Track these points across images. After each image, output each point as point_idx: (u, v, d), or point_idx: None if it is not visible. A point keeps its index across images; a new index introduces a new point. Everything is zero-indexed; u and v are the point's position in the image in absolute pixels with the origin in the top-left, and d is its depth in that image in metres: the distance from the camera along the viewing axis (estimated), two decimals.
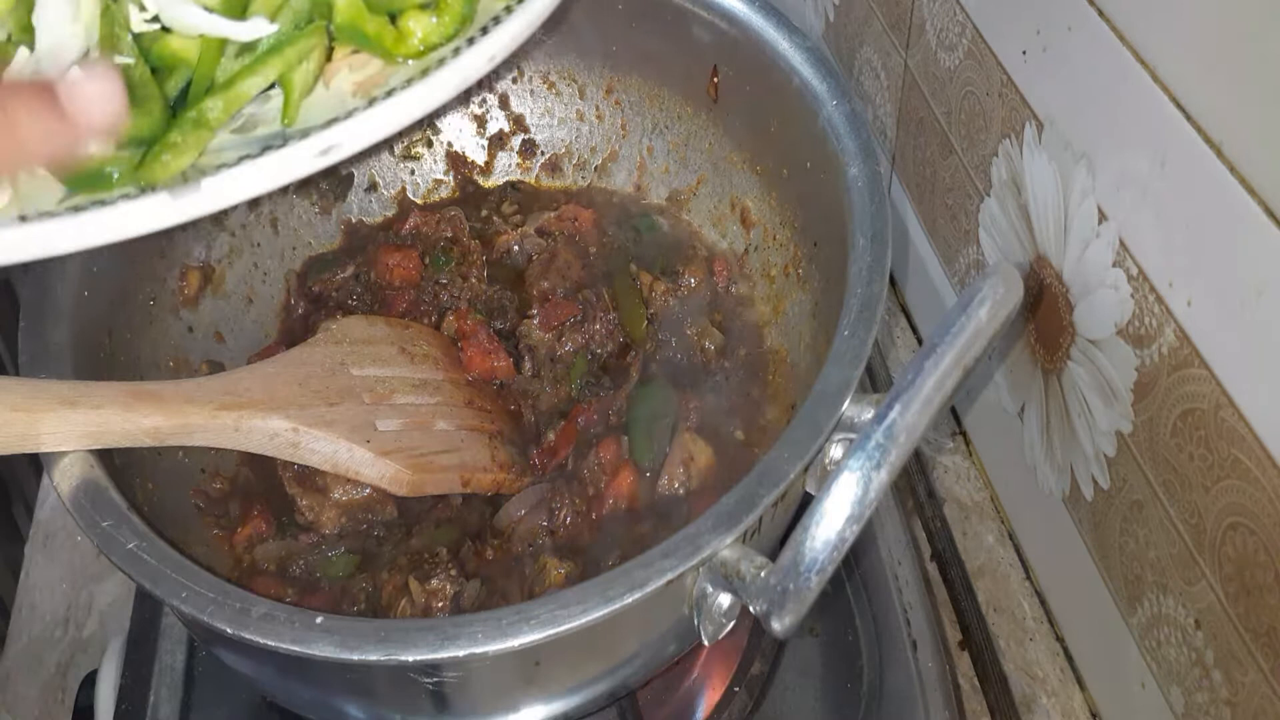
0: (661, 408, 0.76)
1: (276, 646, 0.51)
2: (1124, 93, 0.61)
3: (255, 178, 0.46)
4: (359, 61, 0.54)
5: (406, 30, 0.53)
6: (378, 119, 0.49)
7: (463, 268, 0.86)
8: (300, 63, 0.51)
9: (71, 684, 0.87)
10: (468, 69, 0.51)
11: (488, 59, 0.52)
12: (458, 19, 0.53)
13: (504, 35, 0.52)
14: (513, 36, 0.53)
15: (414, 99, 0.49)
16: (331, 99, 0.52)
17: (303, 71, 0.51)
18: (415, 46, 0.53)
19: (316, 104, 0.52)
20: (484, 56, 0.52)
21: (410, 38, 0.53)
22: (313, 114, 0.51)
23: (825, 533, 0.48)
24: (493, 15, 0.53)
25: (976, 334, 0.51)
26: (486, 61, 0.52)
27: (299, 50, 0.51)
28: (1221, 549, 0.60)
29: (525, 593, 0.69)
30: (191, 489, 0.74)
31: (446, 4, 0.53)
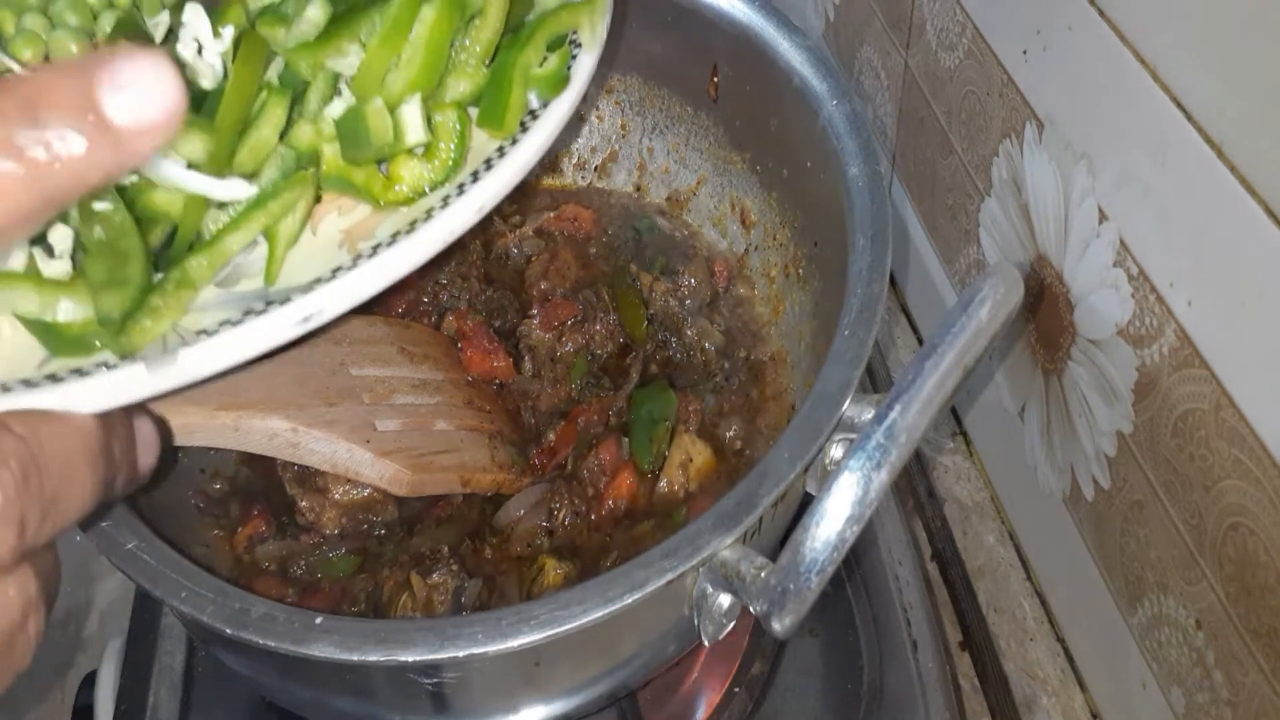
0: (661, 409, 0.76)
1: (276, 647, 0.51)
2: (1124, 93, 0.61)
3: (233, 348, 0.45)
4: (348, 205, 0.53)
5: (396, 177, 0.52)
6: (361, 282, 0.47)
7: (463, 268, 0.86)
8: (286, 215, 0.50)
9: (71, 684, 0.87)
10: (455, 221, 0.49)
11: (476, 210, 0.50)
12: (448, 165, 0.52)
13: (494, 182, 0.51)
14: (503, 183, 0.51)
15: (399, 257, 0.48)
16: (318, 249, 0.50)
17: (289, 223, 0.50)
18: (404, 194, 0.52)
19: (302, 255, 0.50)
20: (472, 208, 0.50)
21: (399, 184, 0.52)
22: (297, 268, 0.49)
23: (825, 533, 0.48)
24: (484, 159, 0.52)
25: (977, 334, 0.51)
26: (475, 213, 0.50)
27: (284, 203, 0.50)
28: (1222, 549, 0.60)
29: (524, 593, 0.69)
30: (192, 489, 0.74)
31: (436, 149, 0.52)
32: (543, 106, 0.54)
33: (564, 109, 0.55)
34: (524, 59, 0.54)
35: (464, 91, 0.54)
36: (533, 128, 0.53)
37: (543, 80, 0.55)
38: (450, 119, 0.53)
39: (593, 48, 0.57)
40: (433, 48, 0.52)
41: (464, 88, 0.54)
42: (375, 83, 0.52)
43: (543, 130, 0.53)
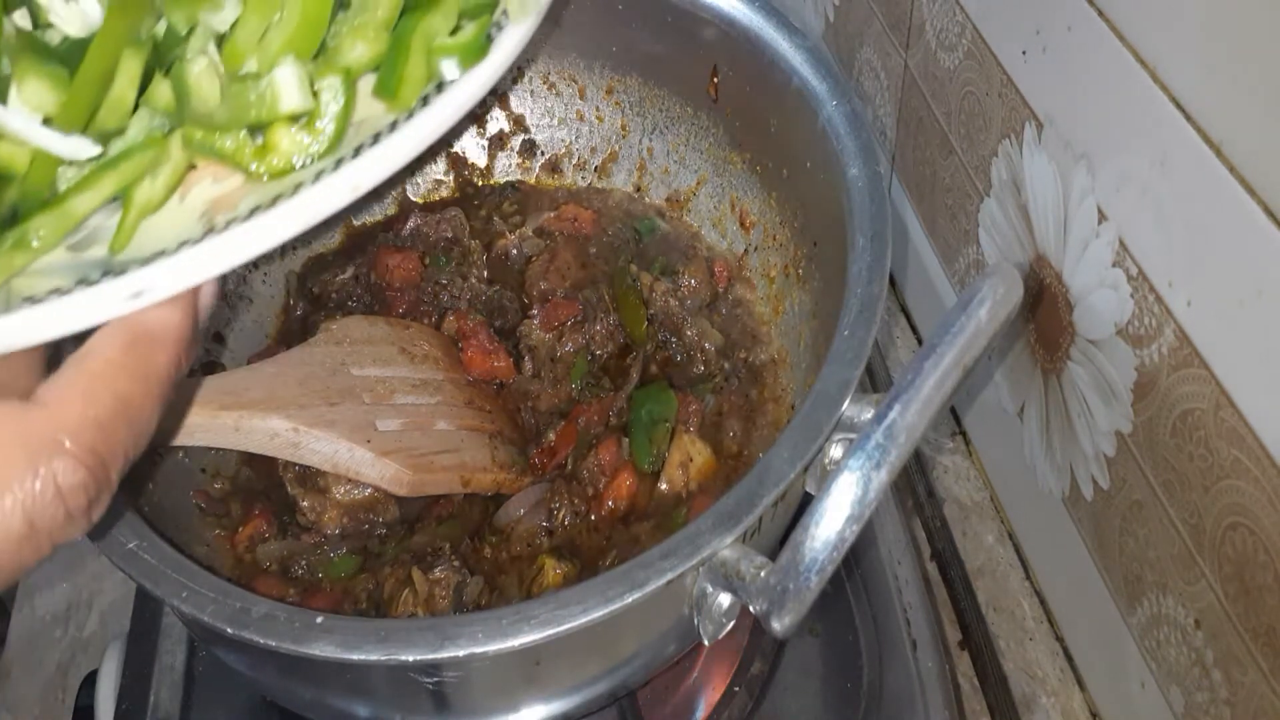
0: (661, 409, 0.76)
1: (277, 646, 0.51)
2: (1124, 93, 0.61)
3: (55, 320, 0.42)
4: (223, 173, 0.49)
5: (270, 146, 0.48)
6: (203, 259, 0.44)
7: (463, 268, 0.86)
8: (143, 177, 0.47)
9: (71, 684, 0.87)
10: (323, 199, 0.45)
11: (350, 189, 0.45)
12: (327, 136, 0.48)
13: (377, 160, 0.46)
14: (389, 161, 0.46)
15: (253, 234, 0.44)
16: (179, 219, 0.47)
17: (146, 188, 0.47)
18: (276, 165, 0.47)
19: (160, 225, 0.47)
20: (345, 186, 0.45)
21: (273, 154, 0.48)
22: (149, 238, 0.46)
23: (825, 533, 0.48)
24: (373, 133, 0.48)
25: (976, 334, 0.51)
26: (349, 192, 0.46)
27: (136, 166, 0.46)
28: (1221, 549, 0.60)
29: (524, 592, 0.69)
30: (193, 489, 0.74)
31: (316, 119, 0.48)
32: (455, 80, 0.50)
33: (473, 85, 0.50)
34: (427, 24, 0.50)
35: (361, 56, 0.50)
36: (434, 102, 0.49)
37: (456, 49, 0.50)
38: (334, 86, 0.49)
39: (522, 20, 0.51)
40: (310, 6, 0.48)
41: (361, 52, 0.50)
42: (250, 41, 0.48)
43: (444, 106, 0.49)
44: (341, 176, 0.46)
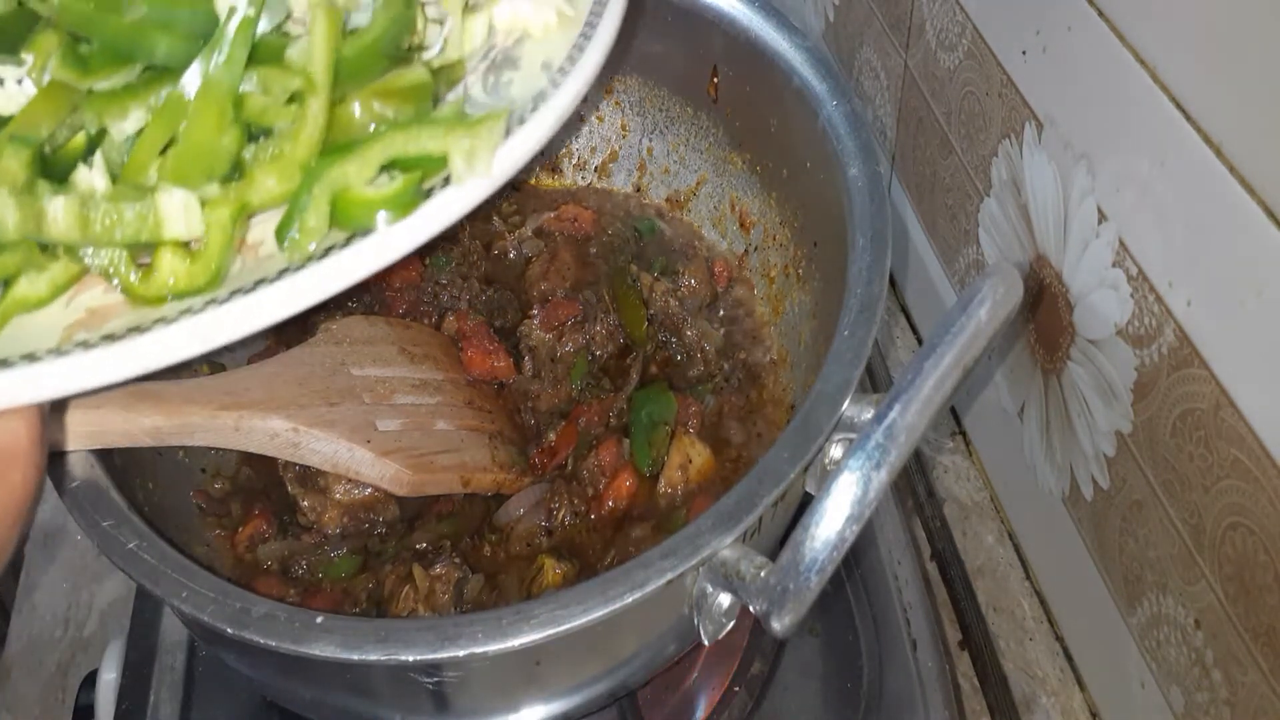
0: (661, 411, 0.76)
1: (276, 646, 0.51)
2: (1124, 93, 0.61)
3: None
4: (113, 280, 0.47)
5: (153, 268, 0.46)
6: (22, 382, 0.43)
7: (463, 268, 0.86)
8: (21, 273, 0.46)
9: (71, 684, 0.87)
10: (177, 343, 0.43)
11: (200, 342, 0.43)
12: (206, 272, 0.46)
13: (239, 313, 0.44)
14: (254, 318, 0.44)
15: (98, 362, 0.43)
16: (51, 323, 0.46)
17: (28, 285, 0.46)
18: (147, 291, 0.46)
19: (33, 324, 0.46)
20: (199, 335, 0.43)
21: (151, 277, 0.46)
22: (16, 336, 0.45)
23: (825, 533, 0.48)
24: (259, 278, 0.46)
25: (976, 334, 0.51)
26: (199, 344, 0.44)
27: (10, 262, 0.45)
28: (1221, 549, 0.60)
29: (524, 592, 0.69)
30: (193, 489, 0.74)
31: (203, 252, 0.47)
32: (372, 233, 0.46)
33: (380, 245, 0.46)
34: (338, 172, 0.47)
35: (270, 191, 0.48)
36: (329, 258, 0.46)
37: (380, 202, 0.47)
38: (221, 218, 0.47)
39: (467, 180, 0.48)
40: (195, 136, 0.47)
41: (271, 187, 0.48)
42: (150, 154, 0.47)
43: (337, 266, 0.45)
44: (202, 320, 0.44)
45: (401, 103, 0.51)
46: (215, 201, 0.47)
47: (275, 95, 0.49)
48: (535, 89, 0.53)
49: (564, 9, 0.58)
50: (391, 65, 0.52)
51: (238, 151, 0.49)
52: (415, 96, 0.52)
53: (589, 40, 0.56)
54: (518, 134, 0.50)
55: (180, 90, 0.47)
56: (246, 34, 0.48)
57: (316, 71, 0.48)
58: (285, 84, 0.49)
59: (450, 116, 0.51)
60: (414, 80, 0.52)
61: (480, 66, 0.57)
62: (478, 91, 0.55)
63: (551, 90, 0.52)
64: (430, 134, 0.48)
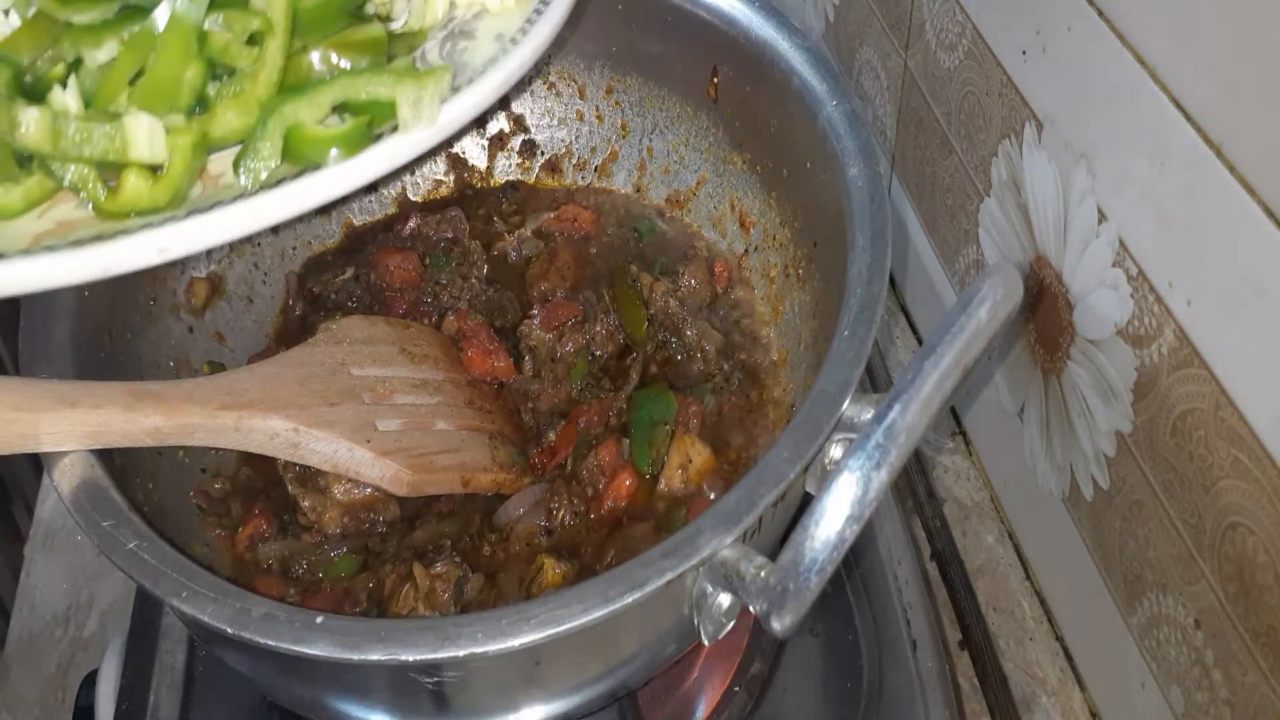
0: (661, 411, 0.76)
1: (276, 646, 0.51)
2: (1124, 93, 0.61)
3: None
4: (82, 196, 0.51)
5: (119, 186, 0.50)
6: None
7: (463, 268, 0.86)
8: None
9: (71, 684, 0.87)
10: (131, 252, 0.47)
11: (158, 249, 0.47)
12: (166, 192, 0.50)
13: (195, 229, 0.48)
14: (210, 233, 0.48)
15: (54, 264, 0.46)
16: (23, 231, 0.50)
17: (5, 195, 0.50)
18: (111, 206, 0.50)
19: (4, 232, 0.50)
20: (155, 245, 0.47)
21: (117, 194, 0.50)
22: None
23: (825, 532, 0.48)
24: (214, 200, 0.49)
25: (976, 334, 0.51)
26: (156, 252, 0.47)
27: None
28: (1221, 549, 0.60)
29: (523, 592, 0.69)
30: (193, 489, 0.74)
31: (164, 174, 0.50)
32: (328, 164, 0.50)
33: (327, 179, 0.50)
34: (290, 109, 0.51)
35: (231, 124, 0.52)
36: (280, 188, 0.50)
37: (331, 139, 0.51)
38: (183, 145, 0.51)
39: (413, 127, 0.52)
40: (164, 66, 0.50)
41: (231, 120, 0.52)
42: (121, 81, 0.51)
43: (284, 194, 0.50)
44: (161, 233, 0.48)
45: (357, 54, 0.55)
46: (179, 130, 0.51)
47: (237, 33, 0.53)
48: (486, 56, 0.56)
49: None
50: (351, 23, 0.56)
51: (201, 86, 0.53)
52: (370, 49, 0.56)
53: (540, 16, 0.59)
54: (465, 91, 0.53)
55: (151, 25, 0.51)
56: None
57: (275, 15, 0.52)
58: (246, 24, 0.53)
59: (401, 69, 0.54)
60: (370, 35, 0.56)
61: (439, 35, 0.60)
62: (434, 57, 0.59)
63: (501, 56, 0.56)
64: (380, 81, 0.52)
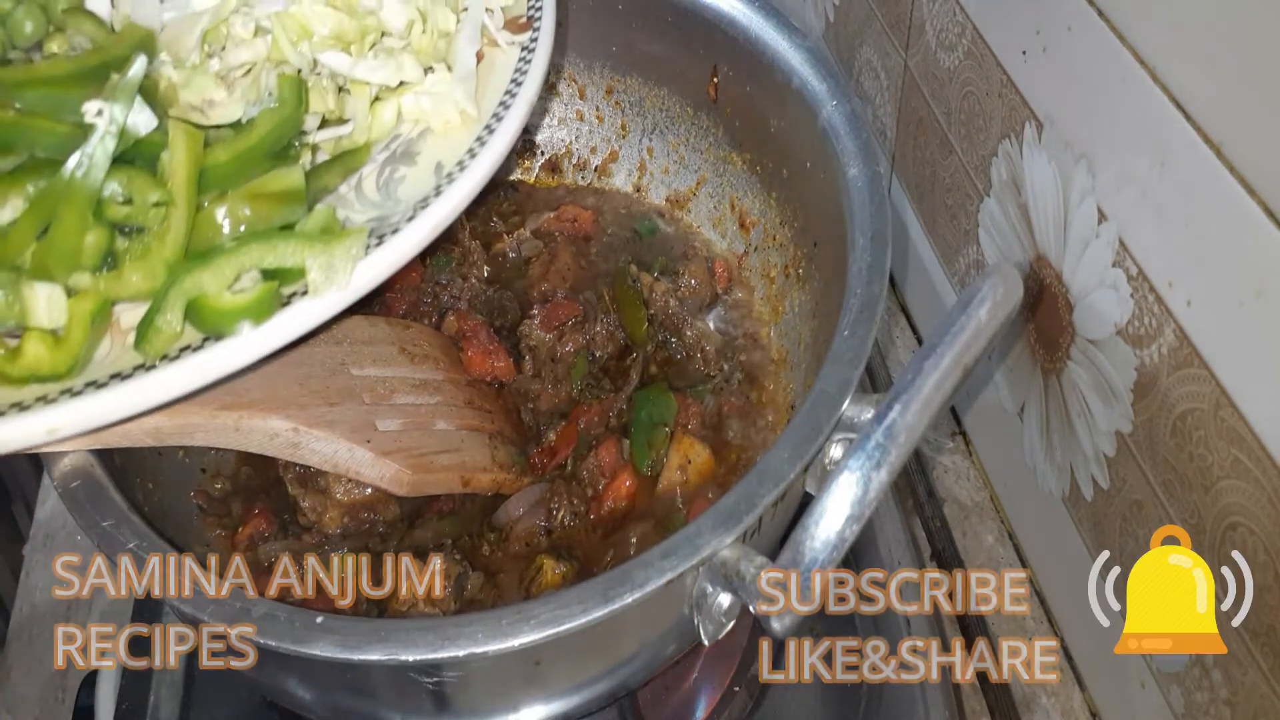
0: (661, 412, 0.76)
1: (276, 646, 0.51)
2: (1124, 93, 0.61)
3: None
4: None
5: (20, 351, 0.49)
6: None
7: (463, 268, 0.86)
8: None
9: (71, 684, 0.87)
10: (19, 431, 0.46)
11: (46, 430, 0.46)
12: (65, 360, 0.49)
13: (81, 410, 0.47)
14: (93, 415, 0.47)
15: None
16: None
17: None
18: (11, 373, 0.49)
19: None
20: (43, 426, 0.46)
21: (18, 359, 0.49)
22: None
23: (825, 532, 0.48)
24: (116, 371, 0.49)
25: (976, 334, 0.51)
26: (44, 433, 0.47)
27: None
28: (1221, 549, 0.60)
29: (523, 592, 0.69)
30: (193, 489, 0.74)
31: (64, 341, 0.49)
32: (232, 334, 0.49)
33: (234, 348, 0.49)
34: (193, 280, 0.50)
35: (136, 286, 0.51)
36: (185, 358, 0.48)
37: (241, 311, 0.49)
38: (82, 312, 0.50)
39: (324, 291, 0.50)
40: (60, 234, 0.49)
41: (136, 282, 0.51)
42: (20, 243, 0.50)
43: (194, 365, 0.48)
44: (48, 414, 0.47)
45: (272, 208, 0.53)
46: (81, 294, 0.50)
47: (139, 203, 0.51)
48: (422, 193, 0.54)
49: (466, 108, 0.58)
50: (273, 164, 0.54)
51: (108, 246, 0.51)
52: (286, 200, 0.53)
53: (483, 146, 0.57)
54: (384, 246, 0.51)
55: (57, 181, 0.50)
56: (107, 146, 0.50)
57: (176, 188, 0.51)
58: (148, 194, 0.51)
59: (312, 230, 0.52)
60: (287, 185, 0.54)
61: (381, 156, 0.58)
62: (370, 186, 0.57)
63: (433, 198, 0.54)
64: (289, 248, 0.51)
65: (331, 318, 0.51)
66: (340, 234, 0.51)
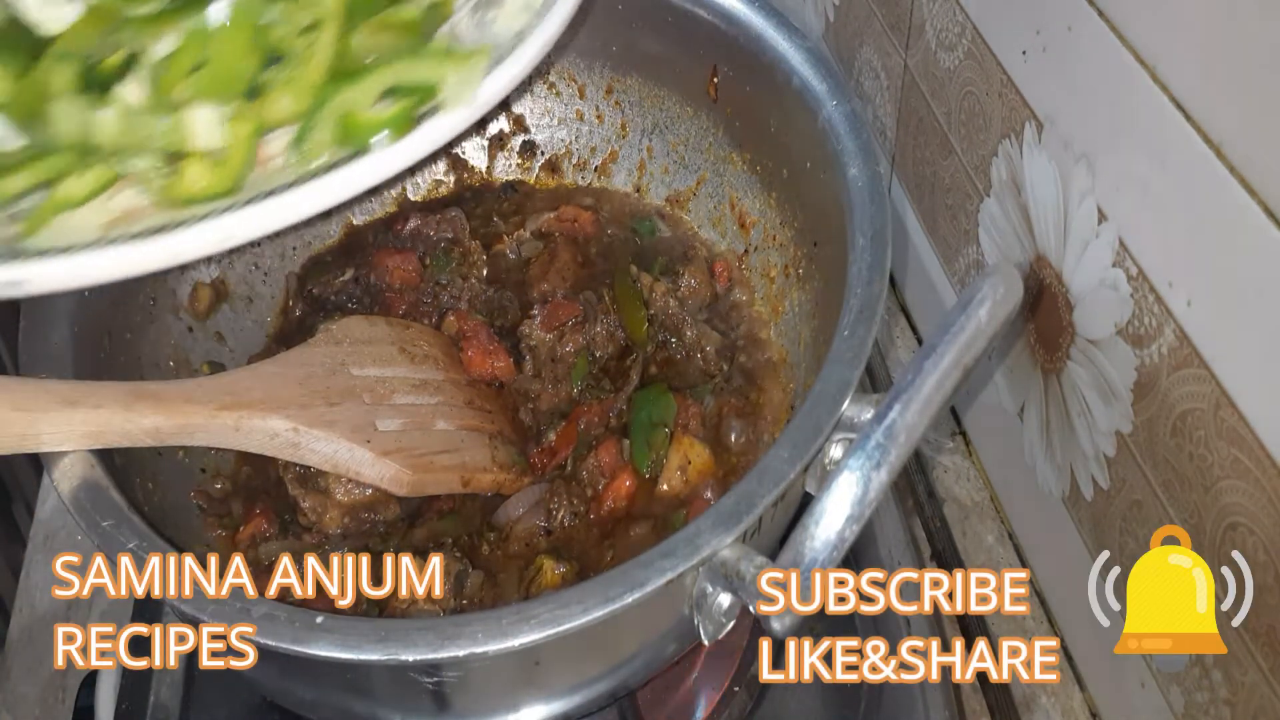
0: (660, 413, 0.76)
1: (276, 646, 0.51)
2: (1124, 93, 0.61)
3: None
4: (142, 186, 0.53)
5: (180, 174, 0.52)
6: (71, 270, 0.48)
7: (463, 268, 0.86)
8: (69, 174, 0.51)
9: (71, 684, 0.87)
10: (195, 242, 0.49)
11: (222, 239, 0.49)
12: (226, 179, 0.52)
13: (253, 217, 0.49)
14: (265, 221, 0.50)
15: (128, 255, 0.48)
16: (89, 221, 0.51)
17: (73, 184, 0.51)
18: (178, 193, 0.51)
19: (73, 221, 0.51)
20: (219, 234, 0.49)
21: (180, 182, 0.52)
22: (59, 231, 0.50)
23: (825, 532, 0.48)
24: (270, 188, 0.51)
25: (976, 334, 0.51)
26: (217, 243, 0.49)
27: (58, 164, 0.51)
28: (1221, 549, 0.60)
29: (522, 593, 0.69)
30: (193, 489, 0.74)
31: (224, 161, 0.52)
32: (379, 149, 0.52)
33: (378, 165, 0.52)
34: (345, 96, 0.53)
35: (285, 109, 0.54)
36: (334, 172, 0.51)
37: (381, 124, 0.53)
38: (242, 132, 0.52)
39: (454, 109, 0.54)
40: (221, 59, 0.52)
41: (285, 106, 0.54)
42: (181, 73, 0.52)
43: (342, 179, 0.51)
44: (220, 223, 0.49)
45: (396, 38, 0.57)
46: (237, 118, 0.53)
47: (293, 26, 0.55)
48: (516, 27, 0.58)
49: None
50: (389, 3, 0.59)
51: (257, 73, 0.55)
52: (408, 31, 0.58)
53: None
54: (501, 67, 0.55)
55: (208, 18, 0.54)
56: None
57: (327, 10, 0.55)
58: (302, 17, 0.55)
59: (441, 50, 0.57)
60: (407, 16, 0.58)
61: (468, 5, 0.62)
62: (464, 27, 0.61)
63: (532, 28, 0.57)
64: (425, 65, 0.55)
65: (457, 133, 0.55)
66: (467, 53, 0.56)
